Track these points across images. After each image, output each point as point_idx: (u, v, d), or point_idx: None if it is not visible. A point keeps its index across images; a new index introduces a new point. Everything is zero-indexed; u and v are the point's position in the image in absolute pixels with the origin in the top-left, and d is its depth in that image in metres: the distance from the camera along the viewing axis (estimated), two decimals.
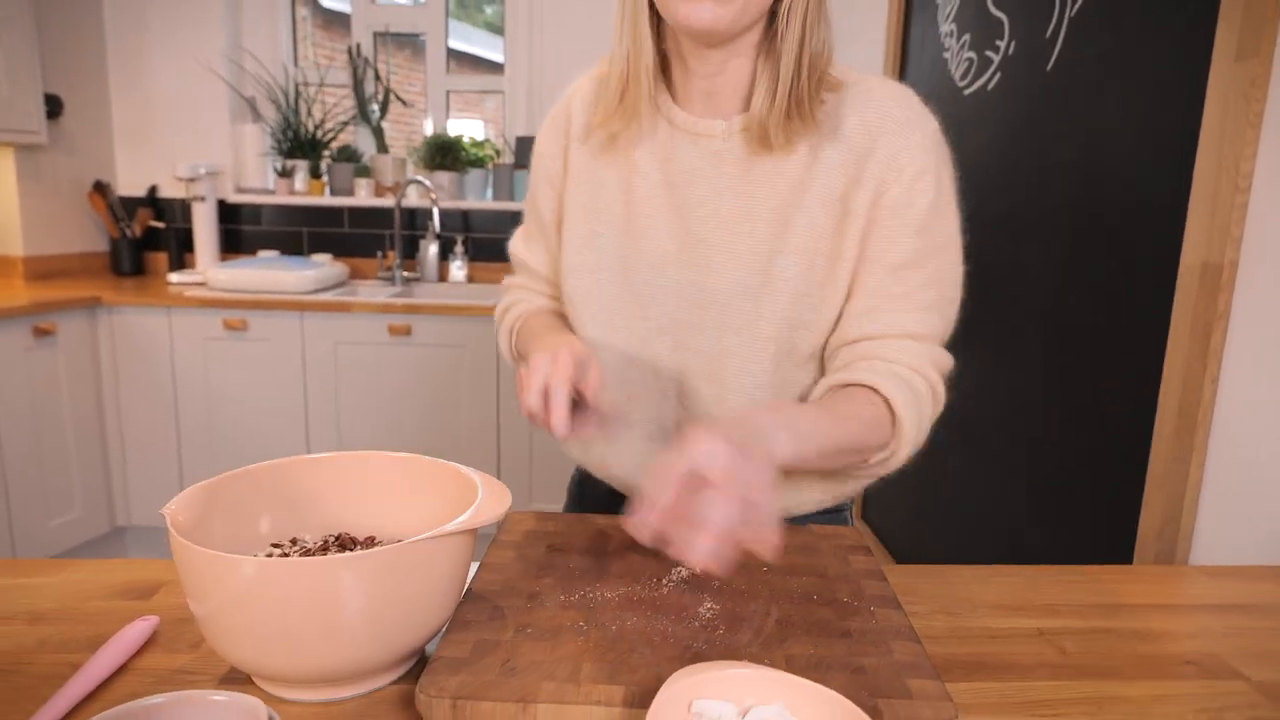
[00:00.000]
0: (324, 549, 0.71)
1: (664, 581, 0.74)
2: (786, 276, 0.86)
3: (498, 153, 3.38)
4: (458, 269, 3.25)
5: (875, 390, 0.82)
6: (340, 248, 3.32)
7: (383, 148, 3.37)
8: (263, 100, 3.34)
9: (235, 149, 3.31)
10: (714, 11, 0.77)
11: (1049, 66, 1.63)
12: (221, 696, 0.52)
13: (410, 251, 3.31)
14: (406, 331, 2.72)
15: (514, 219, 3.28)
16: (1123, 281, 1.37)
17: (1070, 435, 1.49)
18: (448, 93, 3.43)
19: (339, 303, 2.71)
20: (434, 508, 0.75)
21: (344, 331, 2.74)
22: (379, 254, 3.28)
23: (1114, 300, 1.39)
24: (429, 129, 3.41)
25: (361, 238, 3.31)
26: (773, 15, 0.83)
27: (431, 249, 3.23)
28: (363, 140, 3.43)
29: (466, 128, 3.57)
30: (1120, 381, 1.37)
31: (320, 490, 0.78)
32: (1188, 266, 1.19)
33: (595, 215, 0.92)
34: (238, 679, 0.66)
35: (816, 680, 0.58)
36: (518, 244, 1.06)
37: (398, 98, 3.40)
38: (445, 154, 3.23)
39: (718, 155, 0.88)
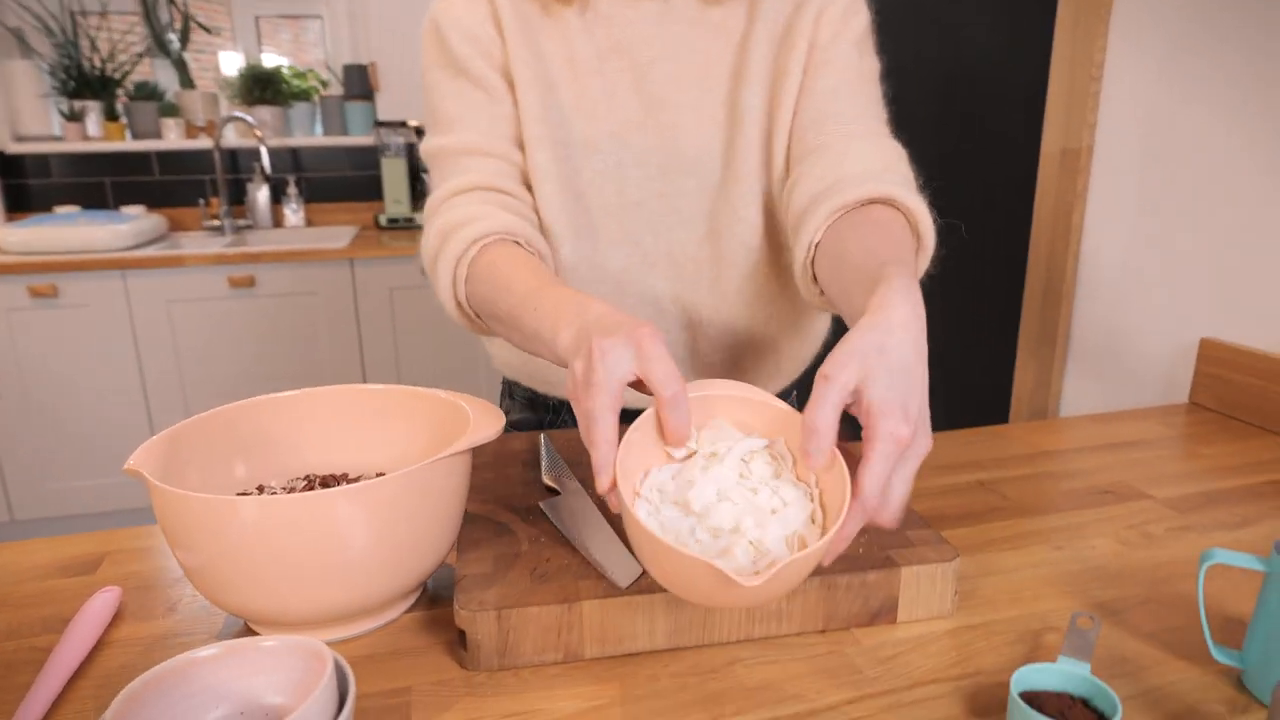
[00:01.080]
0: (311, 489, 0.67)
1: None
2: (753, 108, 0.84)
3: (324, 83, 3.14)
4: (293, 213, 3.03)
5: (898, 206, 0.74)
6: (153, 198, 2.99)
7: (188, 82, 3.04)
8: (31, 32, 2.90)
9: (6, 91, 2.87)
10: None
11: None
12: (272, 642, 0.48)
13: (236, 197, 3.04)
14: (249, 283, 2.52)
15: (350, 155, 3.08)
16: (990, 170, 1.49)
17: (949, 314, 1.62)
18: (256, 18, 3.13)
19: (167, 257, 2.46)
20: (417, 436, 0.72)
21: (176, 289, 2.49)
22: (200, 202, 2.99)
23: (983, 188, 1.50)
24: (239, 61, 3.11)
25: (177, 185, 3.00)
26: None
27: (262, 193, 2.98)
28: (164, 75, 3.07)
29: (282, 59, 3.28)
30: (992, 263, 1.50)
31: (293, 430, 0.72)
32: (1048, 153, 1.31)
33: (545, 91, 0.85)
34: (234, 632, 0.61)
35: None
36: (442, 132, 0.85)
37: (199, 24, 3.05)
38: (264, 87, 2.96)
39: (661, 13, 0.85)
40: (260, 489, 0.70)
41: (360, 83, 3.02)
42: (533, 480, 0.75)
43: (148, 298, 2.48)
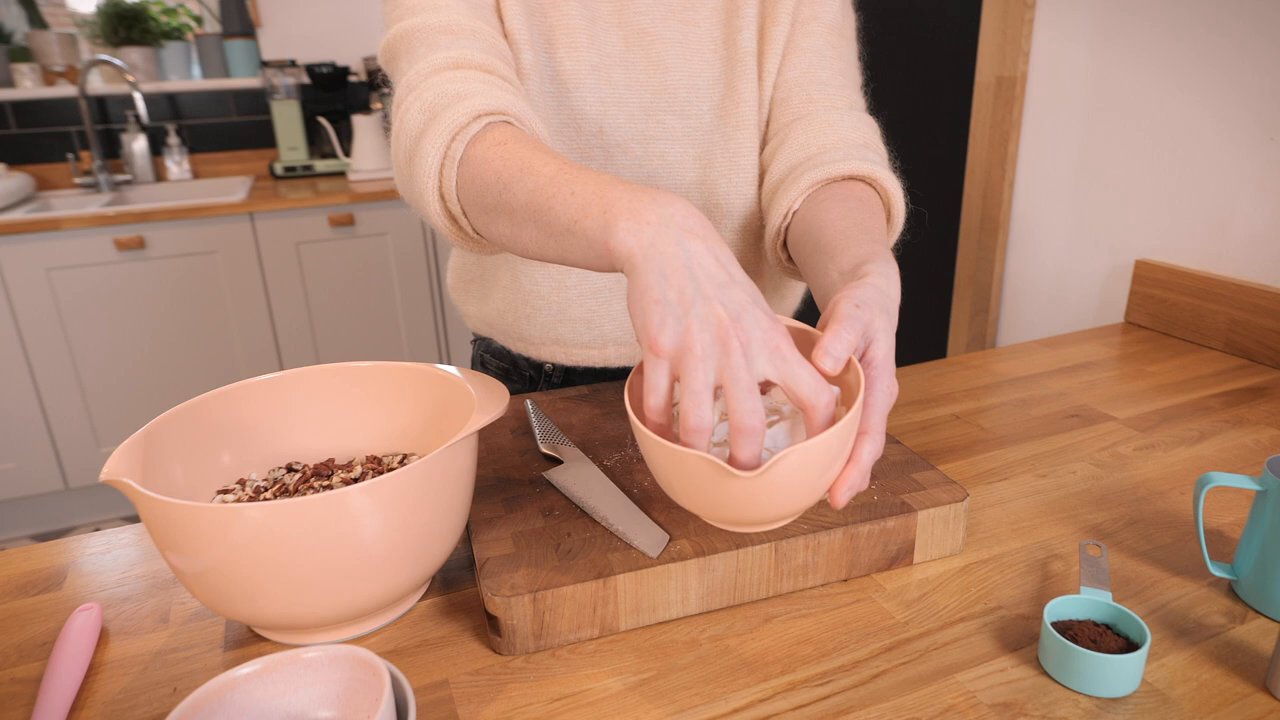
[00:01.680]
0: (303, 482, 0.62)
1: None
2: (749, 51, 0.81)
3: (198, 20, 2.88)
4: (177, 164, 2.80)
5: (870, 182, 0.75)
6: (12, 154, 2.71)
7: (38, 21, 2.73)
8: None
9: None
10: None
11: None
12: (315, 653, 0.45)
13: (110, 150, 2.79)
14: (139, 245, 2.33)
15: (235, 99, 2.86)
16: (924, 101, 1.50)
17: None
18: None
19: (43, 220, 2.24)
20: (407, 414, 0.69)
21: (56, 255, 2.28)
22: (69, 157, 2.73)
23: (918, 119, 1.52)
24: None
25: (39, 139, 2.72)
26: None
27: (139, 144, 2.74)
28: (8, 15, 2.75)
29: None
30: (928, 195, 1.52)
31: (277, 415, 0.67)
32: (983, 82, 1.32)
33: (530, 15, 0.77)
34: (237, 638, 0.57)
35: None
36: (414, 13, 0.71)
37: None
38: (130, 25, 2.69)
39: None
40: (241, 482, 0.65)
41: (239, 19, 2.79)
42: (529, 449, 0.73)
43: (23, 266, 2.27)
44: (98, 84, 2.70)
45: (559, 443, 0.71)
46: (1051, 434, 0.85)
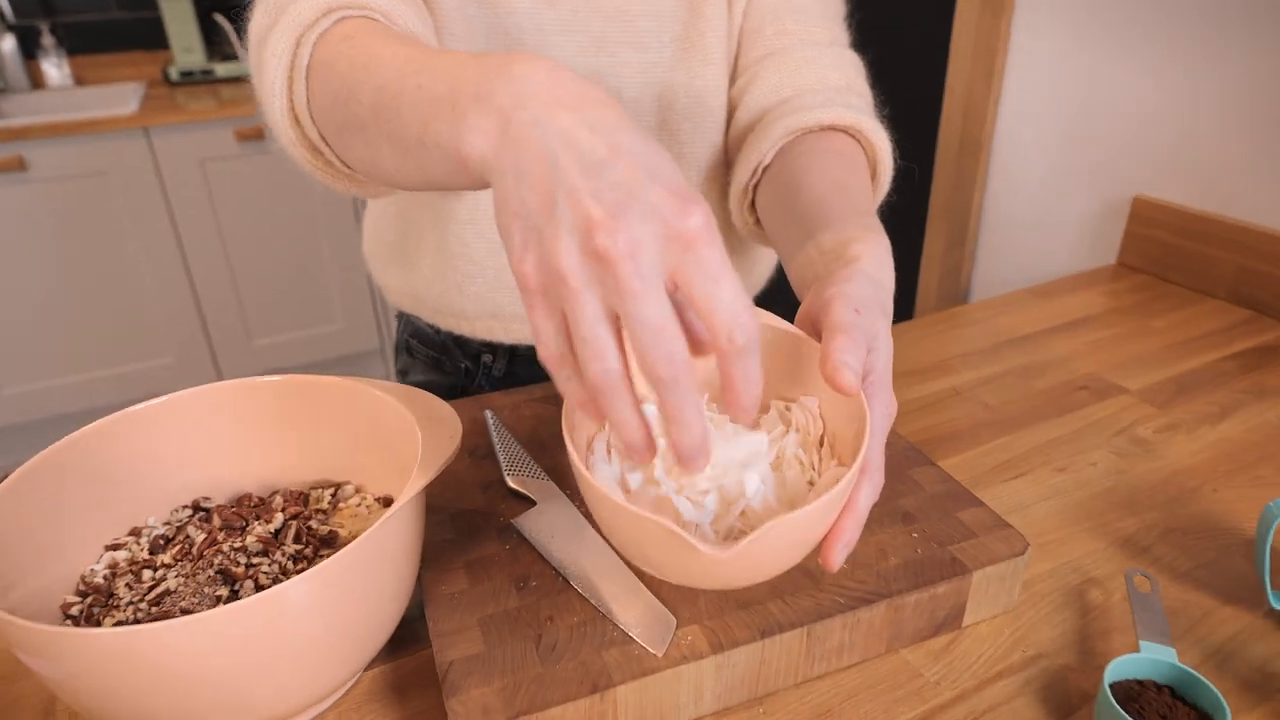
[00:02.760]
0: (209, 545, 0.50)
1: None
2: None
3: None
4: (55, 68, 2.47)
5: (854, 134, 0.65)
6: None
7: None
8: None
9: None
10: None
11: None
12: None
13: None
14: (19, 165, 2.06)
15: None
16: (901, 5, 1.36)
17: None
18: None
19: None
20: (345, 433, 0.56)
21: None
22: None
23: (893, 25, 1.37)
24: None
25: None
26: None
27: (8, 44, 2.41)
28: None
29: None
30: (901, 116, 1.40)
31: (178, 444, 0.55)
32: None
33: None
34: None
35: (881, 551, 0.54)
36: None
37: None
38: None
39: None
40: (136, 533, 0.53)
41: None
42: (492, 483, 0.61)
43: None
44: None
45: (529, 475, 0.60)
46: (1063, 412, 0.77)
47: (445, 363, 0.84)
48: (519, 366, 0.83)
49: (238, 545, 0.48)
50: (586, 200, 0.32)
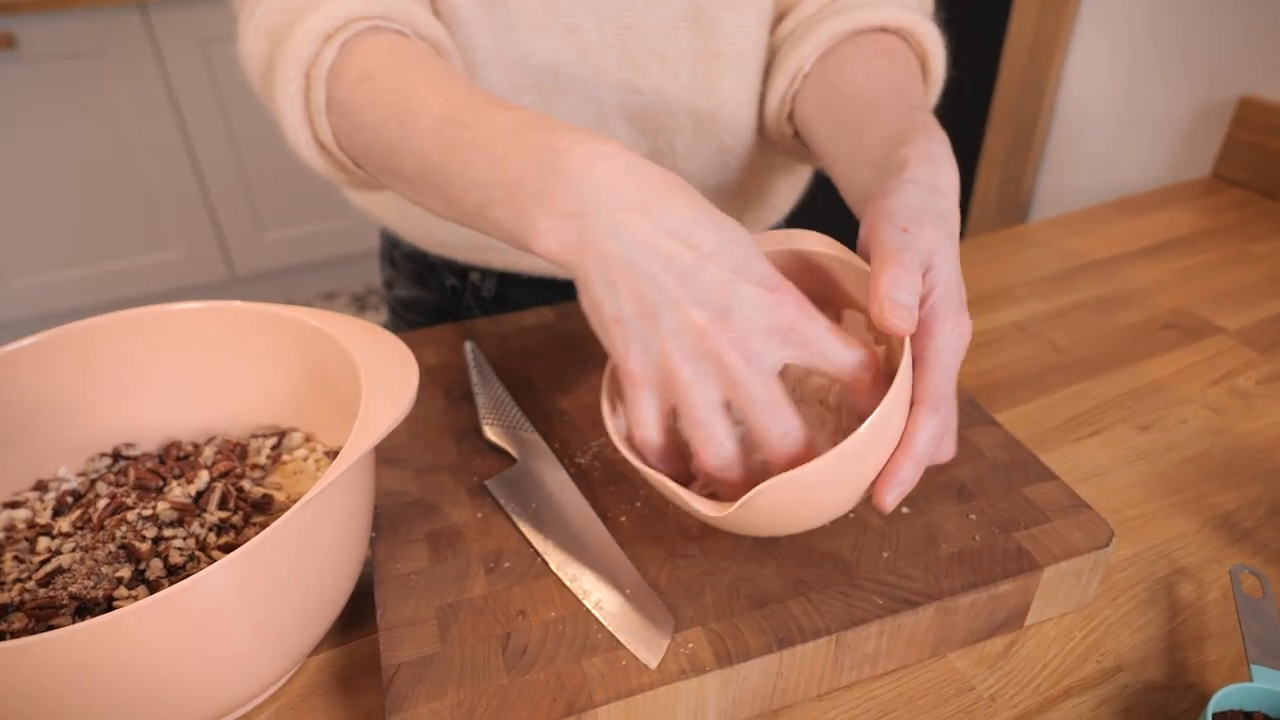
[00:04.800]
0: (114, 510, 0.42)
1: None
2: None
3: None
4: None
5: (904, 34, 0.58)
6: None
7: None
8: None
9: None
10: None
11: None
12: None
13: None
14: (7, 43, 1.94)
15: None
16: None
17: None
18: None
19: None
20: (288, 372, 0.47)
21: None
22: None
23: None
24: None
25: None
26: None
27: None
28: None
29: None
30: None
31: (88, 383, 0.46)
32: None
33: None
34: None
35: (929, 537, 0.44)
36: None
37: None
38: None
39: None
40: (41, 486, 0.45)
41: None
42: (467, 431, 0.52)
43: None
44: None
45: (511, 425, 0.50)
46: (1147, 356, 0.66)
47: (430, 281, 0.75)
48: (510, 288, 0.73)
49: (147, 514, 0.40)
50: (689, 308, 0.35)
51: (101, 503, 0.41)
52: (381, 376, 0.40)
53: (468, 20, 0.56)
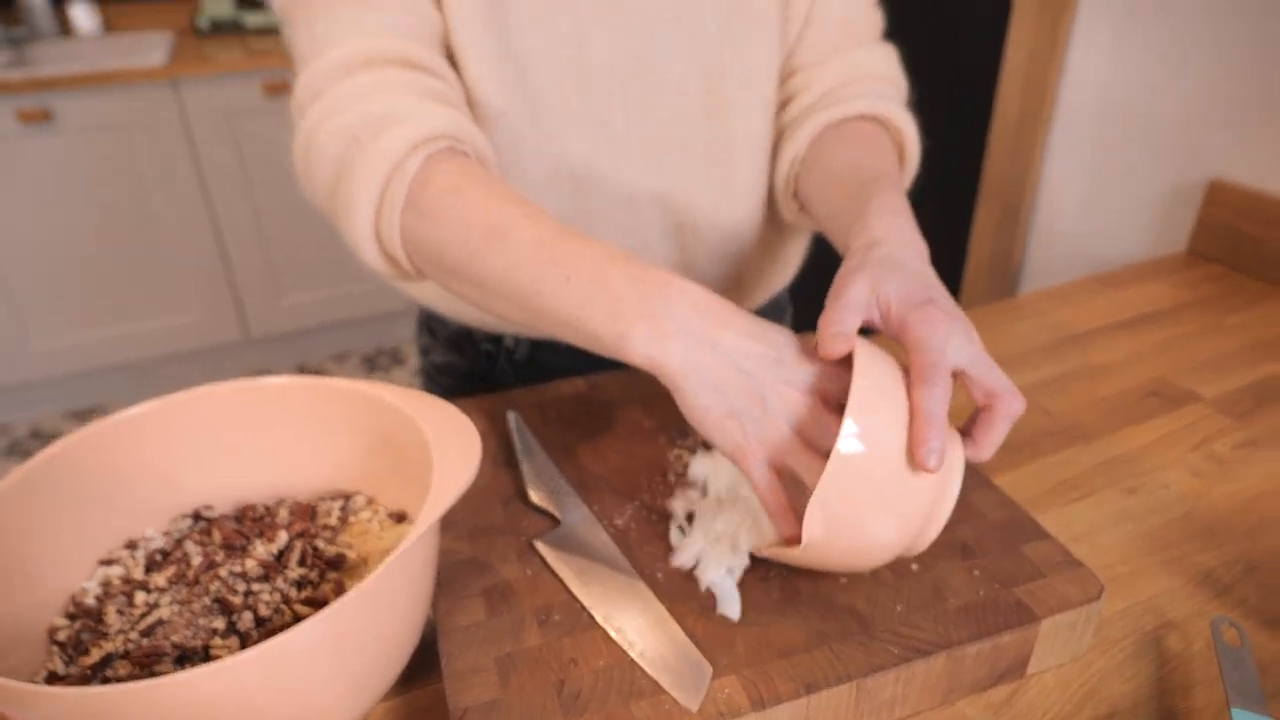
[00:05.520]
0: (207, 569, 0.46)
1: (669, 477, 0.59)
2: None
3: None
4: (85, 15, 2.43)
5: (883, 121, 0.68)
6: None
7: None
8: None
9: None
10: None
11: None
12: None
13: (1, 0, 2.40)
14: (44, 117, 2.03)
15: None
16: None
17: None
18: None
19: None
20: (352, 440, 0.52)
21: None
22: None
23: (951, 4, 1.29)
24: None
25: None
26: None
27: None
28: None
29: None
30: (955, 93, 1.32)
31: (177, 451, 0.51)
32: None
33: None
34: None
35: (937, 591, 0.49)
36: None
37: None
38: None
39: None
40: (132, 545, 0.50)
41: None
42: (513, 495, 0.57)
43: None
44: None
45: (553, 489, 0.55)
46: (1130, 422, 0.71)
47: (466, 346, 0.80)
48: (542, 353, 0.78)
49: (237, 570, 0.45)
50: (784, 388, 0.45)
51: (196, 560, 0.46)
52: (447, 445, 0.45)
53: (513, 122, 0.63)
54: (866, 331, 0.49)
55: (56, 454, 0.45)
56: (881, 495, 0.42)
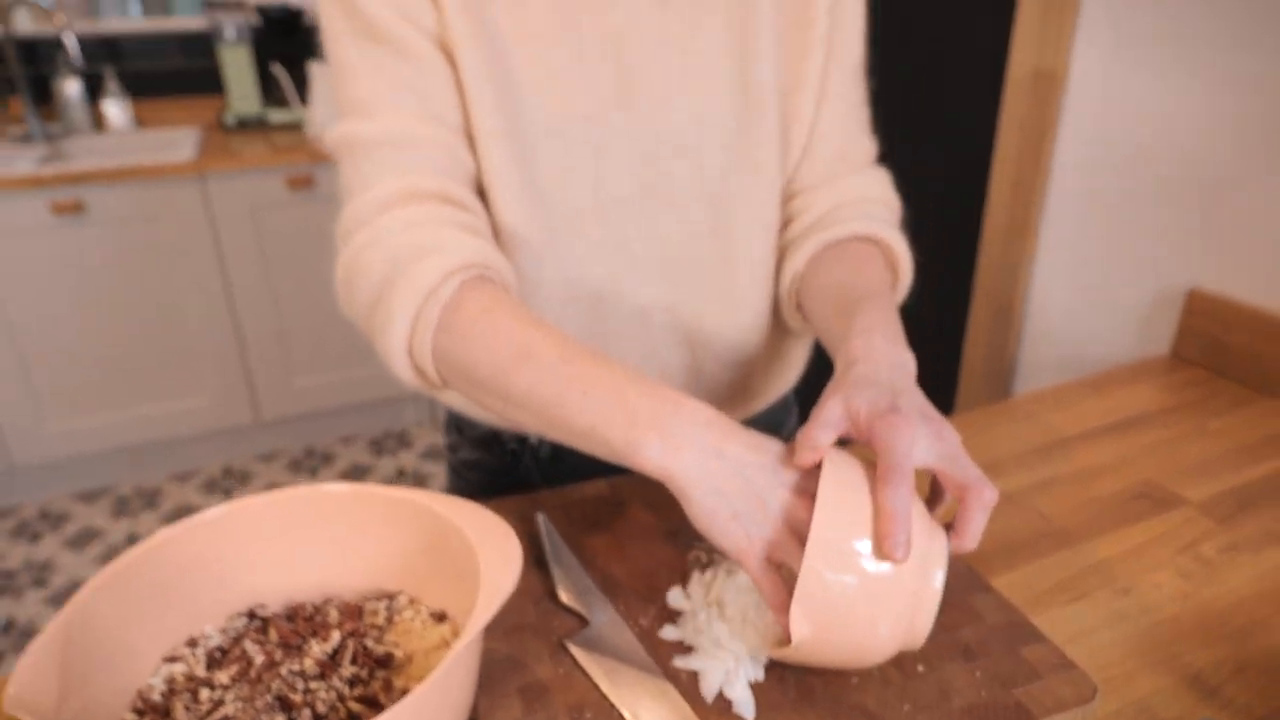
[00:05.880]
0: (268, 668, 0.50)
1: (689, 578, 0.63)
2: (768, 87, 0.71)
3: None
4: (117, 111, 2.56)
5: (877, 242, 0.73)
6: None
7: None
8: None
9: None
10: None
11: None
12: None
13: (40, 96, 2.53)
14: (77, 209, 2.12)
15: (183, 44, 2.63)
16: (952, 92, 1.36)
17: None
18: None
19: None
20: (395, 544, 0.57)
21: None
22: None
23: (941, 115, 1.38)
24: None
25: None
26: None
27: (73, 87, 2.49)
28: None
29: None
30: (945, 202, 1.40)
31: (231, 555, 0.55)
32: (1017, 75, 1.19)
33: (497, 70, 0.65)
34: None
35: (943, 692, 0.52)
36: (357, 116, 0.64)
37: None
38: None
39: None
40: (193, 643, 0.53)
41: None
42: (543, 596, 0.61)
43: None
44: (25, 24, 2.43)
45: (582, 589, 0.59)
46: (1122, 524, 0.75)
47: (493, 445, 0.85)
48: (565, 451, 0.83)
49: (295, 669, 0.48)
50: (782, 491, 0.51)
51: (258, 659, 0.50)
52: (491, 551, 0.50)
53: (536, 246, 0.69)
54: (847, 442, 0.54)
55: (140, 555, 0.50)
56: (861, 589, 0.47)
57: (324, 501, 0.56)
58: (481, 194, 0.68)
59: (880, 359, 0.56)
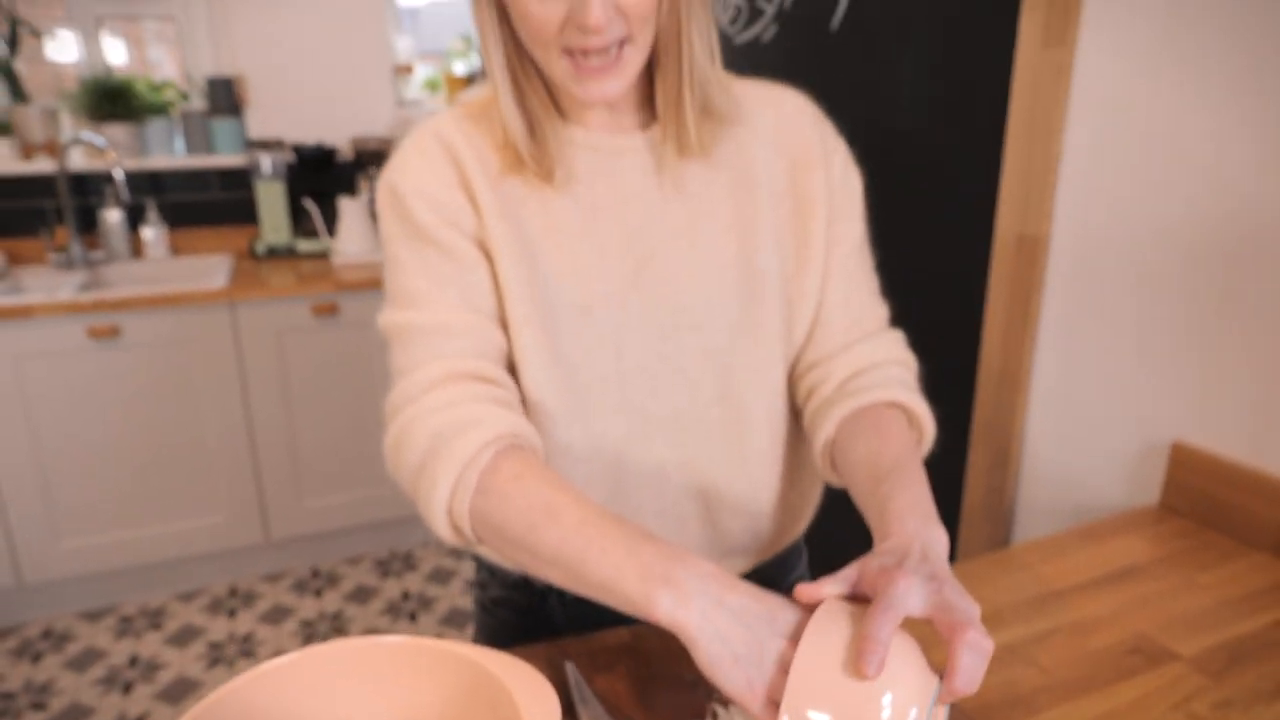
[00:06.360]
0: None
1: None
2: (771, 273, 0.81)
3: (184, 96, 2.82)
4: (155, 240, 2.71)
5: (901, 407, 0.81)
6: None
7: (20, 95, 2.65)
8: None
9: None
10: (618, 83, 0.71)
11: (833, 26, 1.65)
12: None
13: (85, 224, 2.69)
14: (113, 333, 2.23)
15: (222, 178, 2.80)
16: (940, 256, 1.47)
17: None
18: (98, 19, 2.76)
19: (15, 307, 2.13)
20: (429, 699, 0.61)
21: (26, 341, 2.17)
22: (43, 231, 2.63)
23: (931, 278, 1.49)
24: (74, 58, 2.73)
25: (14, 213, 2.62)
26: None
27: (114, 217, 2.65)
28: None
29: (123, 53, 2.92)
30: (939, 355, 1.48)
31: (280, 707, 0.60)
32: (1004, 239, 1.30)
33: (528, 265, 0.76)
34: None
35: None
36: (407, 306, 0.74)
37: (29, 29, 2.66)
38: (115, 101, 2.62)
39: (643, 170, 0.79)
40: None
41: (226, 97, 2.72)
42: None
43: None
44: (78, 160, 2.61)
45: None
46: (1117, 680, 0.79)
47: (522, 586, 0.90)
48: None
49: None
50: (779, 639, 0.55)
51: None
52: (532, 702, 0.54)
53: (562, 412, 0.77)
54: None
55: (212, 703, 0.54)
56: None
57: (377, 652, 0.61)
58: (512, 369, 0.77)
59: (912, 539, 0.61)
